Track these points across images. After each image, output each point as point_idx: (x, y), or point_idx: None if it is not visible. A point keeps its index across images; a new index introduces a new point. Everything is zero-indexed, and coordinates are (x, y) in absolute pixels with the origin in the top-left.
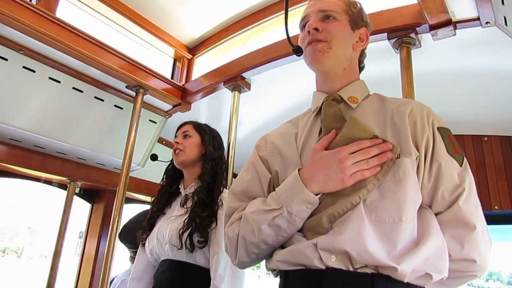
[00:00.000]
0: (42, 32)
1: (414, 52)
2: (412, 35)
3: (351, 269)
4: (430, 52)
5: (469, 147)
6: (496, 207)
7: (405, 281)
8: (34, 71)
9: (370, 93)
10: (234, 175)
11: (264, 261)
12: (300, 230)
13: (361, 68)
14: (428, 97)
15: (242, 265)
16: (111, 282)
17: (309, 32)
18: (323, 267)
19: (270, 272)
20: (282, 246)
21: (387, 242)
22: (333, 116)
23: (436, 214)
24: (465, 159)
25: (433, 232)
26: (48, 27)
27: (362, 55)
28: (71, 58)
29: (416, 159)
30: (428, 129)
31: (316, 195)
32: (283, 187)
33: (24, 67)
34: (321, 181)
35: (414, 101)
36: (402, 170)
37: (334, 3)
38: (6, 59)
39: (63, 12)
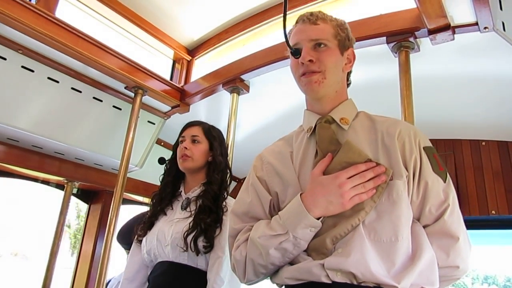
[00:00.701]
0: (41, 32)
1: (412, 56)
2: (411, 39)
3: (355, 283)
4: (428, 56)
5: (467, 151)
6: (493, 211)
7: None
8: (33, 71)
9: (359, 110)
10: (233, 178)
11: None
12: (304, 250)
13: (348, 85)
14: (426, 102)
15: (250, 283)
16: (107, 283)
17: (302, 63)
18: (329, 282)
19: (276, 284)
20: (290, 263)
21: (387, 260)
22: (329, 139)
23: (423, 226)
24: (448, 175)
25: (426, 247)
26: (48, 27)
27: (349, 73)
28: (70, 58)
29: (406, 177)
30: (416, 150)
31: (318, 218)
32: (287, 213)
33: (23, 66)
34: (322, 206)
35: (401, 121)
36: (395, 192)
37: (323, 30)
38: (5, 59)
39: (62, 12)
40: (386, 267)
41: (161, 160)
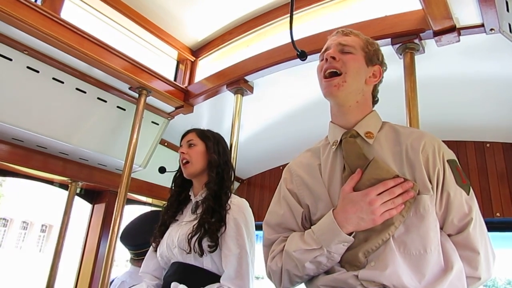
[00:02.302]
0: (46, 33)
1: (417, 58)
2: (416, 40)
3: None
4: (434, 58)
5: (471, 153)
6: (497, 214)
7: None
8: (38, 72)
9: (383, 121)
10: (237, 179)
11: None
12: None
13: (375, 102)
14: (431, 103)
15: None
16: (110, 283)
17: (327, 60)
18: None
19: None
20: (324, 272)
21: (417, 272)
22: (356, 155)
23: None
24: (471, 188)
25: (456, 260)
26: (53, 28)
27: (375, 90)
28: (75, 59)
29: (432, 190)
30: (439, 163)
31: (350, 234)
32: (320, 229)
33: (28, 67)
34: (354, 222)
35: (426, 134)
36: (422, 206)
37: (353, 40)
38: (10, 59)
39: (67, 13)
40: (417, 278)
41: (162, 169)
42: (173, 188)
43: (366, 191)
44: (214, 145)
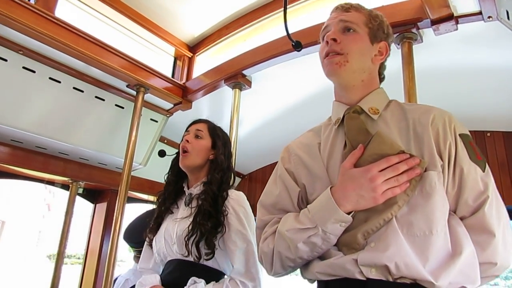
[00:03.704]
0: (41, 32)
1: (415, 47)
2: (414, 30)
3: (390, 279)
4: (431, 47)
5: None
6: None
7: None
8: (34, 72)
9: (390, 100)
10: (238, 174)
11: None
12: (334, 244)
13: (381, 79)
14: (430, 93)
15: (277, 276)
16: (114, 281)
17: (327, 42)
18: (364, 279)
19: (307, 280)
20: (320, 257)
21: (420, 254)
22: (357, 129)
23: (460, 218)
24: (487, 165)
25: (465, 243)
26: (47, 27)
27: (381, 67)
28: (71, 58)
29: (440, 167)
30: (451, 137)
31: (349, 213)
32: (316, 207)
33: (24, 67)
34: (353, 200)
35: (434, 108)
36: (429, 183)
37: (355, 16)
38: (5, 60)
39: (62, 11)
40: (421, 262)
41: (161, 153)
42: (169, 175)
43: (367, 167)
44: (222, 145)
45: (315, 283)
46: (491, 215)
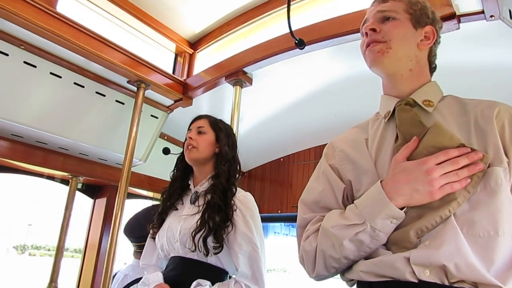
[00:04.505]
0: (42, 27)
1: None
2: None
3: (446, 283)
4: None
5: None
6: None
7: None
8: (35, 66)
9: (445, 95)
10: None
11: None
12: (383, 244)
13: (432, 69)
14: None
15: (319, 278)
16: (113, 277)
17: (367, 34)
18: (415, 281)
19: (346, 281)
20: (366, 258)
21: (485, 257)
22: (411, 122)
23: None
24: None
25: None
26: (49, 21)
27: (431, 54)
28: (72, 53)
29: (507, 163)
30: None
31: (401, 209)
32: (365, 201)
33: (25, 62)
34: (406, 194)
35: (499, 102)
36: (494, 180)
37: (393, 4)
38: (6, 54)
39: (63, 6)
40: (484, 265)
41: (166, 150)
42: (175, 171)
43: (423, 159)
44: (226, 137)
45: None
46: None
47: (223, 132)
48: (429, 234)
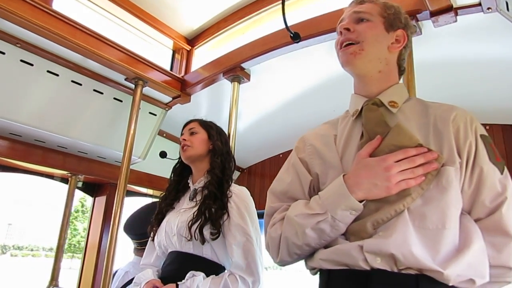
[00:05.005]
0: (38, 25)
1: (414, 39)
2: (413, 22)
3: (395, 270)
4: (431, 39)
5: None
6: None
7: (450, 284)
8: (32, 65)
9: (410, 97)
10: (237, 168)
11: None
12: (342, 234)
13: (401, 72)
14: (429, 85)
15: (283, 264)
16: (114, 274)
17: (341, 32)
18: (368, 268)
19: (310, 270)
20: (325, 246)
21: (431, 248)
22: (375, 121)
23: (475, 220)
24: (505, 167)
25: (476, 238)
26: (45, 19)
27: (400, 58)
28: (69, 51)
29: (458, 164)
30: (471, 136)
31: (360, 201)
32: (327, 192)
33: (21, 60)
34: (366, 188)
35: (457, 107)
36: (445, 178)
37: (369, 7)
38: (3, 53)
39: (59, 4)
40: (430, 254)
41: (162, 154)
42: (172, 177)
43: (383, 156)
44: (217, 134)
45: (317, 277)
46: (509, 217)
47: (214, 130)
48: (384, 225)
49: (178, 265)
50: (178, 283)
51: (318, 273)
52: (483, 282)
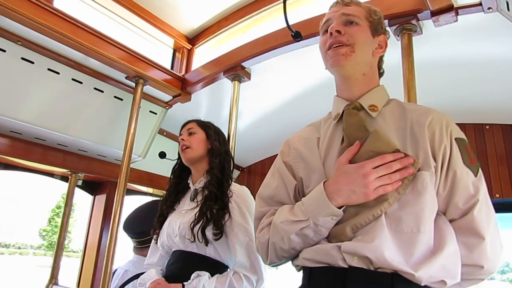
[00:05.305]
0: (40, 23)
1: (415, 39)
2: (414, 21)
3: (371, 268)
4: (431, 39)
5: (471, 135)
6: (497, 195)
7: (422, 284)
8: (33, 63)
9: (390, 98)
10: (236, 167)
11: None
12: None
13: (381, 74)
14: (429, 85)
15: (273, 265)
16: (113, 273)
17: (331, 34)
18: (346, 266)
19: (295, 267)
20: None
21: (406, 251)
22: (355, 126)
23: (450, 221)
24: (480, 169)
25: (449, 241)
26: (46, 17)
27: (380, 61)
28: (70, 49)
29: (434, 168)
30: (446, 139)
31: (340, 207)
32: (309, 200)
33: (22, 58)
34: (345, 195)
35: (434, 110)
36: (421, 183)
37: (356, 9)
38: (4, 51)
39: (61, 2)
40: (404, 257)
41: (162, 154)
42: (171, 179)
43: (361, 163)
44: (215, 134)
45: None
46: (481, 219)
47: (212, 130)
48: (362, 229)
49: (182, 263)
50: (184, 283)
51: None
52: (454, 283)
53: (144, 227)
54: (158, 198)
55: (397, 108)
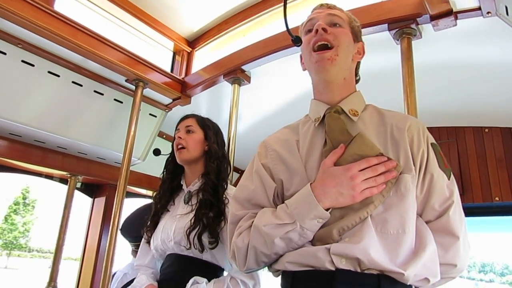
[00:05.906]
0: (40, 26)
1: (415, 43)
2: (413, 25)
3: (358, 270)
4: (431, 43)
5: (470, 138)
6: (496, 198)
7: (408, 284)
8: (33, 65)
9: (367, 103)
10: (235, 169)
11: None
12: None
13: (357, 81)
14: (429, 89)
15: (250, 271)
16: (113, 276)
17: (316, 31)
18: (333, 269)
19: (273, 272)
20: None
21: (392, 251)
22: (339, 129)
23: (426, 222)
24: (451, 173)
25: (429, 241)
26: (46, 20)
27: (357, 67)
28: (70, 52)
29: (414, 171)
30: (424, 144)
31: (327, 210)
32: (295, 202)
33: (22, 61)
34: (332, 197)
35: (410, 116)
36: (404, 185)
37: (340, 13)
38: (4, 53)
39: (61, 5)
40: (390, 257)
41: (156, 151)
42: (164, 174)
43: (348, 165)
44: (214, 135)
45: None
46: (455, 219)
47: (211, 130)
48: (349, 232)
49: (178, 267)
50: None
51: (280, 275)
52: (435, 281)
53: (140, 231)
54: (153, 198)
55: (375, 114)
